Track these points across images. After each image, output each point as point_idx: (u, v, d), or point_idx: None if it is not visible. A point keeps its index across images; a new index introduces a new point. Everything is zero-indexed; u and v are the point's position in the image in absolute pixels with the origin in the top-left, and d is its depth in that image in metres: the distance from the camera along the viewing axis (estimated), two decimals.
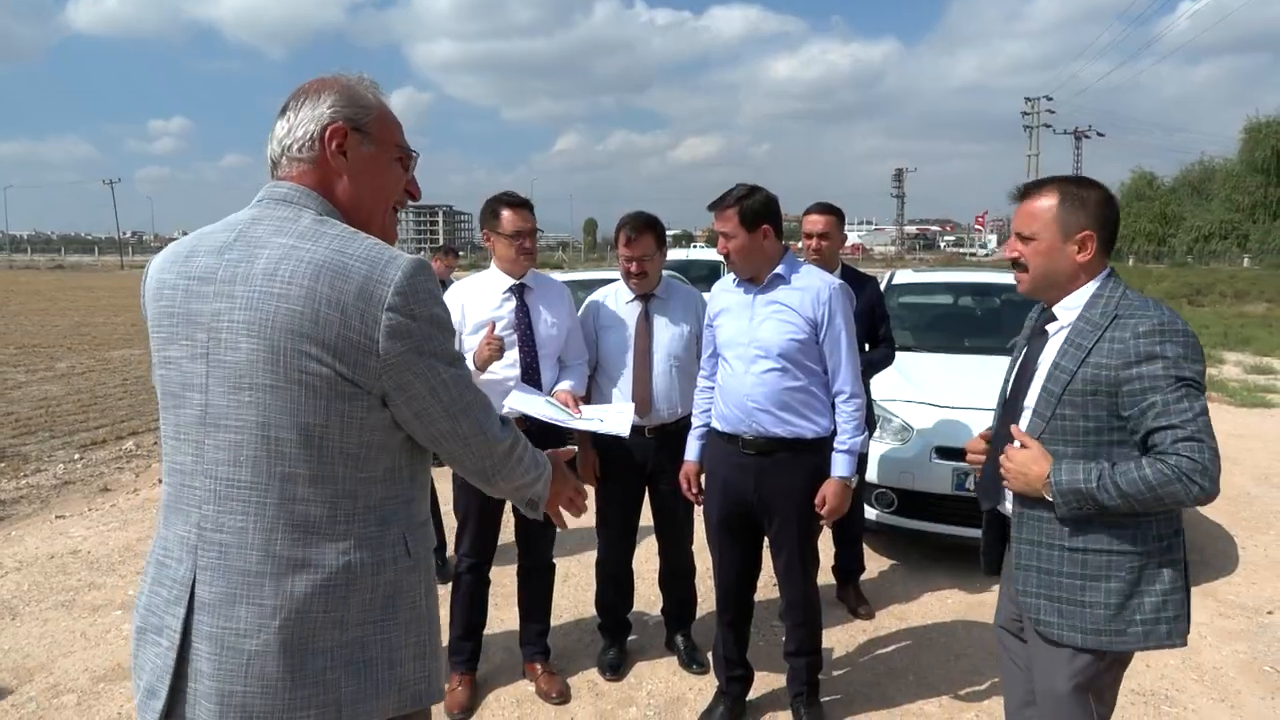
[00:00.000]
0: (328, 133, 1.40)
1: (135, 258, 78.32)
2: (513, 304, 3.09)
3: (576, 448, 1.81)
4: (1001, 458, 1.99)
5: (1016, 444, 1.95)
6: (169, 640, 1.31)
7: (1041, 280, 1.95)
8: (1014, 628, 2.15)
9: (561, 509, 1.76)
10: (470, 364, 3.00)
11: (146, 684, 1.34)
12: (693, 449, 3.05)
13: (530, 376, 3.07)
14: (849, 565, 4.07)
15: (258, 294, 1.28)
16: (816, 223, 3.77)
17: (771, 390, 2.73)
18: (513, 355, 3.05)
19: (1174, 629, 1.84)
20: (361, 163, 1.43)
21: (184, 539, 1.33)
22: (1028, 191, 1.97)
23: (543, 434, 2.68)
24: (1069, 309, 1.93)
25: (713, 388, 2.98)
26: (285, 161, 1.42)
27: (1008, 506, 2.06)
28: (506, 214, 3.05)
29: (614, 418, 2.93)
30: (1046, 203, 1.91)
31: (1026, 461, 1.90)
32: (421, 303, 1.33)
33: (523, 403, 2.91)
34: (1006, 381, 2.11)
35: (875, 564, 4.52)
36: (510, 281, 3.11)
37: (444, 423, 1.39)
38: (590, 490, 3.35)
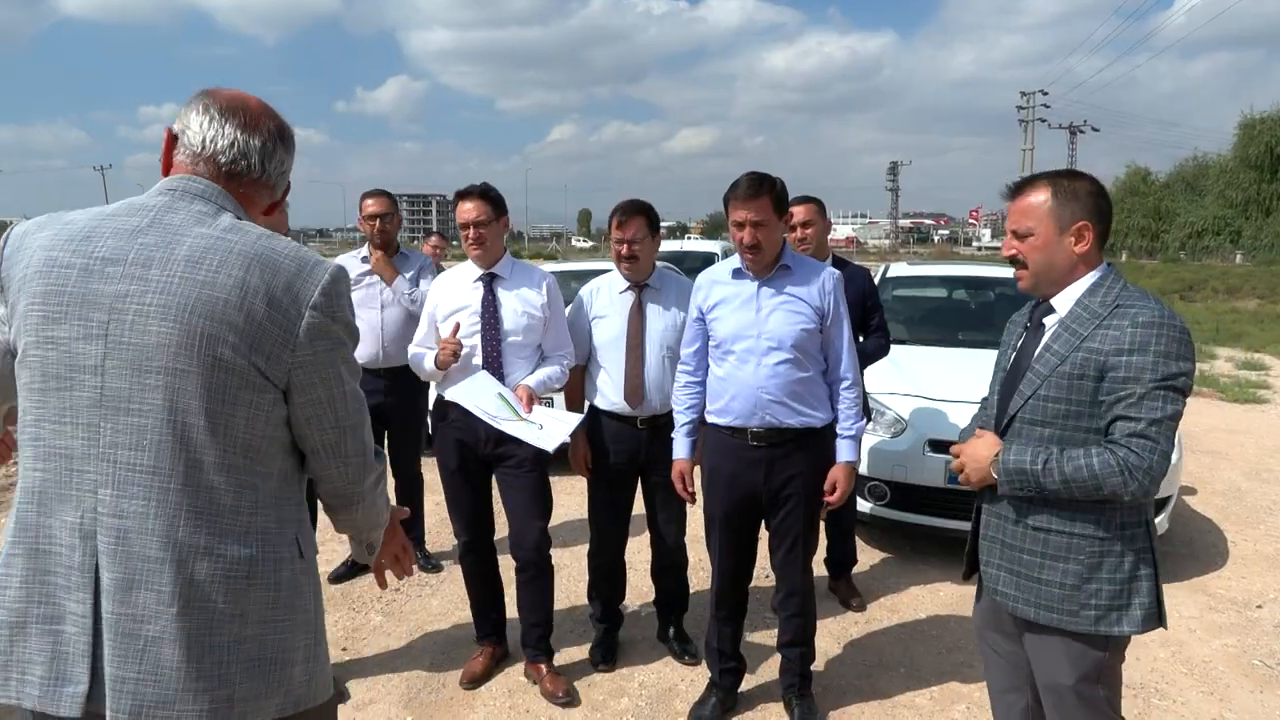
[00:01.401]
0: (288, 190, 1.55)
1: None
2: (480, 293, 3.09)
3: (406, 509, 1.81)
4: (953, 449, 2.09)
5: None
6: (77, 626, 1.28)
7: (1042, 275, 1.95)
8: (991, 621, 2.19)
9: (386, 569, 1.77)
10: (431, 363, 3.06)
11: (49, 673, 1.28)
12: (683, 446, 3.00)
13: (491, 367, 3.07)
14: (841, 558, 4.07)
15: (178, 279, 1.28)
16: (798, 213, 3.72)
17: (784, 381, 2.72)
18: (475, 342, 3.06)
19: (1128, 617, 1.87)
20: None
21: (75, 525, 1.29)
22: (1019, 189, 1.98)
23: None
24: (1068, 300, 1.94)
25: (699, 382, 2.95)
26: (226, 171, 1.43)
27: None
28: (459, 205, 3.08)
29: (553, 427, 2.92)
30: (1039, 197, 1.92)
31: (977, 445, 1.99)
32: (342, 308, 1.39)
33: (467, 393, 2.93)
34: (1001, 370, 2.12)
35: (867, 556, 4.53)
36: (480, 271, 3.12)
37: (332, 433, 1.42)
38: (583, 480, 3.39)
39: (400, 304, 4.03)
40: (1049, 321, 1.97)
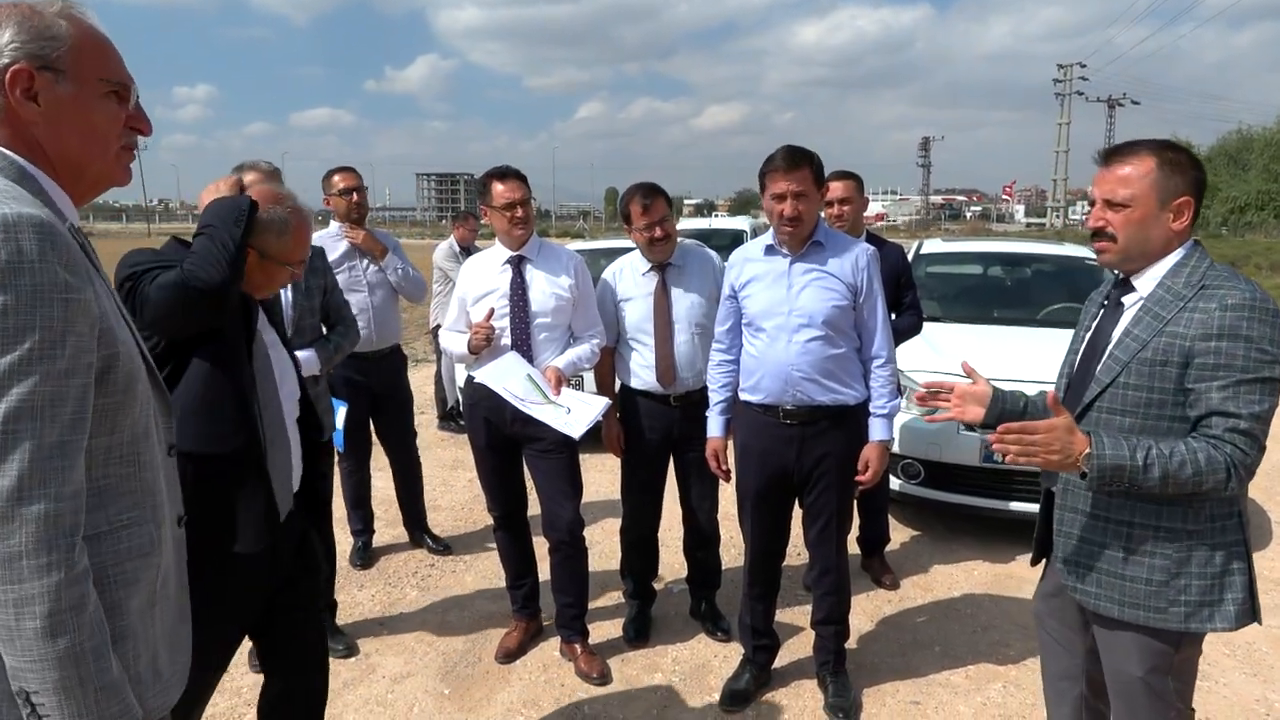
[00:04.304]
0: (8, 78, 1.17)
1: (162, 225, 78.98)
2: (509, 276, 3.09)
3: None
4: (1027, 426, 1.83)
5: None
6: None
7: (1134, 251, 1.81)
8: (1053, 609, 2.11)
9: None
10: (464, 347, 3.06)
11: None
12: (717, 424, 3.01)
13: (521, 349, 3.07)
14: (874, 535, 4.06)
15: None
16: (836, 189, 3.71)
17: (816, 359, 2.70)
18: (504, 325, 3.06)
19: (1220, 613, 1.76)
20: (60, 106, 1.21)
21: None
22: (1117, 154, 1.81)
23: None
24: (1151, 279, 1.81)
25: (733, 360, 2.94)
26: None
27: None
28: (497, 187, 3.05)
29: (580, 411, 2.91)
30: (1142, 166, 1.76)
31: (1068, 439, 1.71)
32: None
33: (495, 375, 2.95)
34: (1074, 353, 2.02)
35: (900, 535, 4.50)
36: (509, 253, 3.11)
37: None
38: (615, 457, 3.40)
39: (394, 280, 3.95)
40: (1129, 301, 1.85)
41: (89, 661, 1.10)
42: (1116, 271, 1.91)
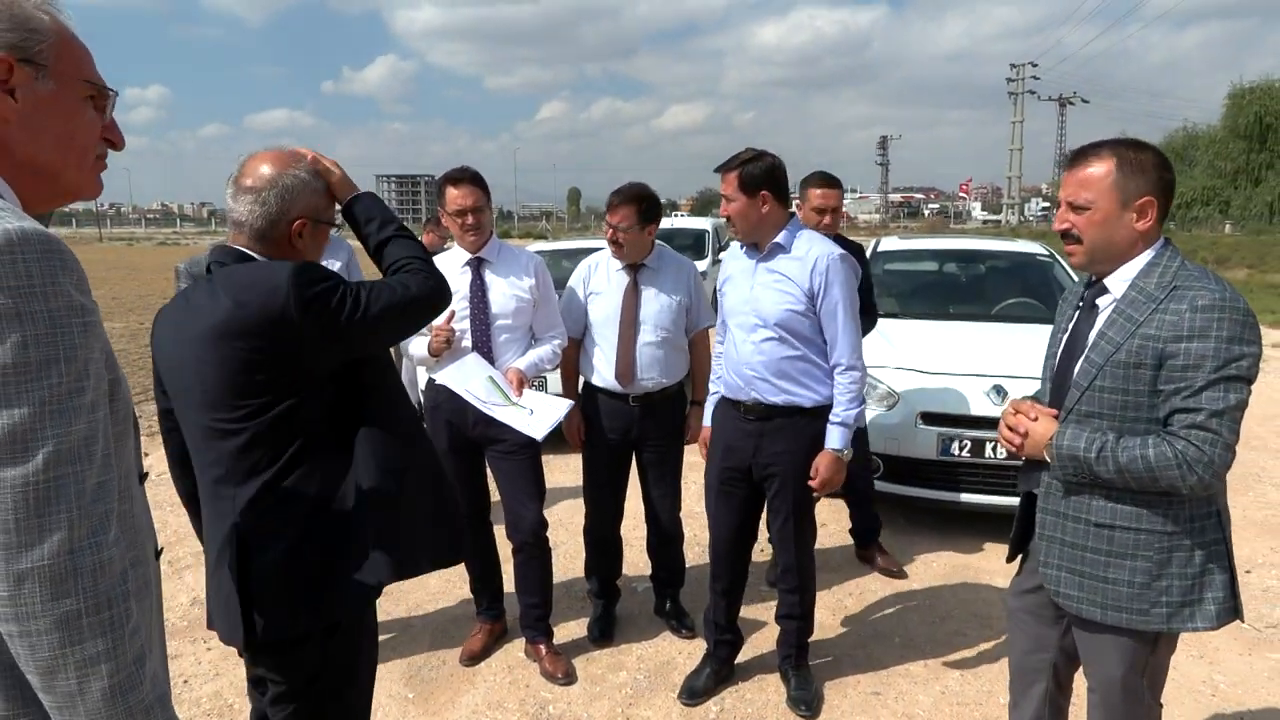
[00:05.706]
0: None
1: (114, 230, 77.15)
2: (469, 278, 3.08)
3: None
4: (1004, 421, 1.97)
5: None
6: None
7: (1099, 253, 1.83)
8: (1029, 605, 2.13)
9: None
10: (424, 349, 3.02)
11: None
12: (709, 414, 3.07)
13: (482, 351, 3.07)
14: (863, 526, 4.13)
15: None
16: (830, 197, 3.79)
17: (769, 359, 2.73)
18: (465, 327, 3.05)
19: (1201, 613, 1.79)
20: (38, 104, 1.08)
21: None
22: (1079, 157, 1.84)
23: None
24: (1123, 280, 1.82)
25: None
26: None
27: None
28: (451, 192, 3.02)
29: (543, 413, 2.90)
30: (1102, 168, 1.78)
31: (1037, 429, 1.89)
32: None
33: (457, 377, 2.93)
34: (1052, 356, 2.04)
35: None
36: (468, 256, 3.10)
37: None
38: (578, 457, 3.40)
39: None
40: (1103, 303, 1.86)
41: (158, 712, 1.03)
42: (1090, 274, 1.93)
